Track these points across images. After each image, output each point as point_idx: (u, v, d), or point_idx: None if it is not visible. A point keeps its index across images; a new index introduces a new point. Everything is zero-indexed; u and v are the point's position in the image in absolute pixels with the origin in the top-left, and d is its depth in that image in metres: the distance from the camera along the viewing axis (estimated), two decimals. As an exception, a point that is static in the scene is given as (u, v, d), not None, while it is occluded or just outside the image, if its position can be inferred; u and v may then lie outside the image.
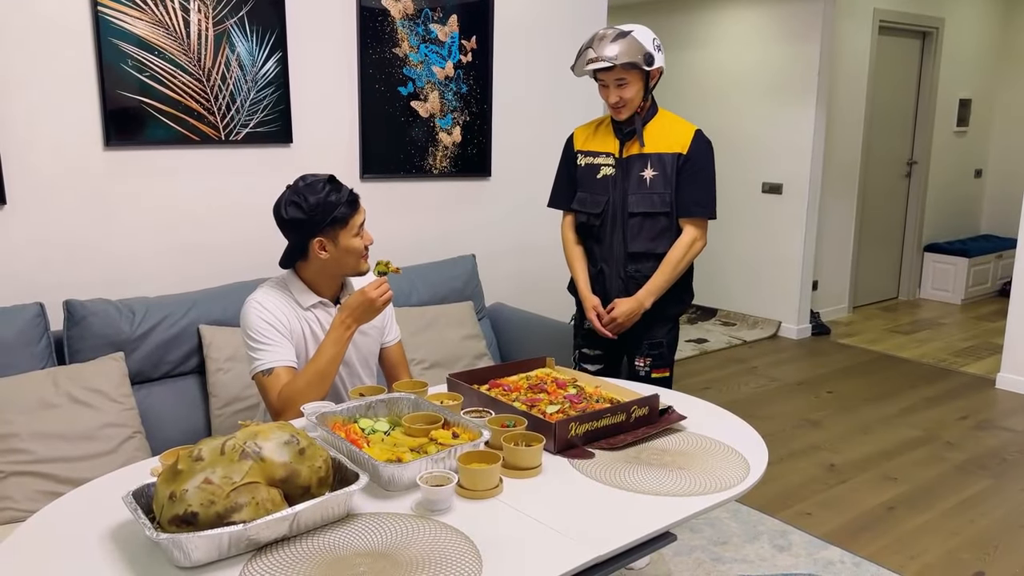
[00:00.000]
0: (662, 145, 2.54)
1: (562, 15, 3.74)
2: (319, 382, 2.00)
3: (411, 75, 3.30)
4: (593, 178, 2.62)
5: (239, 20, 2.83)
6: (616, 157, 2.58)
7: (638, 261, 2.58)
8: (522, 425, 1.76)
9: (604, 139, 2.63)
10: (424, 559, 1.32)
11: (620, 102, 2.49)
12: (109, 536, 1.39)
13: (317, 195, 2.02)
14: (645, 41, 2.43)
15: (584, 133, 2.71)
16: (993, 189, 7.34)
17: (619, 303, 2.57)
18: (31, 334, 2.32)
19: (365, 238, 2.12)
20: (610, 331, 2.61)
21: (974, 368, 5.02)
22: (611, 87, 2.48)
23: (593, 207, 2.61)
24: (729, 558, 2.77)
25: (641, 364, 2.65)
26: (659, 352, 2.65)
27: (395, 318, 2.42)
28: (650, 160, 2.54)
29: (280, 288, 2.13)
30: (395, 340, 2.38)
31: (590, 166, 2.64)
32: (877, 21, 5.86)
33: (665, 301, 2.60)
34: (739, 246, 6.00)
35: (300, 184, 2.06)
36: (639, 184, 2.54)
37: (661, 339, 2.64)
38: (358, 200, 2.10)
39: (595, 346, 2.75)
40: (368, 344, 2.27)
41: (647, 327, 2.62)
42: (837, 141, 5.82)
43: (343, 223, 2.05)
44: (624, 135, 2.57)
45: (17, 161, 2.51)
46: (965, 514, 3.13)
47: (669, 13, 6.25)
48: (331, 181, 2.06)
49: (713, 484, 1.63)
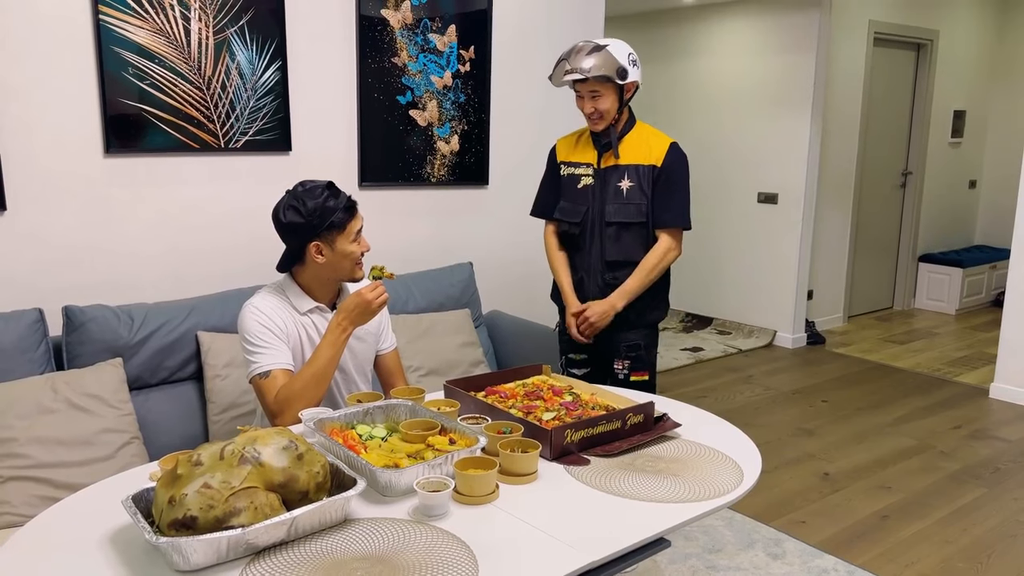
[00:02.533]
0: (638, 157, 2.61)
1: (560, 26, 3.77)
2: (316, 384, 2.01)
3: (410, 84, 3.33)
4: (574, 188, 2.68)
5: (239, 29, 2.85)
6: (595, 168, 2.65)
7: (615, 269, 2.64)
8: (518, 432, 1.77)
9: (584, 150, 2.69)
10: (421, 564, 1.33)
11: (595, 113, 2.56)
12: (108, 540, 1.40)
13: (315, 200, 2.04)
14: (620, 56, 2.50)
15: (567, 144, 2.77)
16: (987, 200, 7.38)
17: (591, 304, 2.64)
18: (30, 339, 2.33)
19: (362, 244, 2.13)
20: (583, 332, 2.65)
21: (968, 378, 5.04)
22: (586, 98, 2.56)
23: (573, 216, 2.67)
24: (723, 566, 2.78)
25: (620, 367, 2.70)
26: (637, 355, 2.69)
27: (391, 326, 2.43)
28: (626, 171, 2.61)
29: (277, 293, 2.15)
30: (391, 347, 2.40)
31: (572, 176, 2.70)
32: (872, 33, 5.91)
33: (641, 307, 2.66)
34: (734, 255, 6.02)
35: (299, 189, 2.08)
36: (616, 194, 2.61)
37: (638, 340, 2.69)
38: (356, 206, 2.12)
39: (579, 350, 2.79)
40: (364, 350, 2.29)
41: (622, 330, 2.67)
42: (832, 151, 5.86)
43: (340, 228, 2.07)
44: (602, 146, 2.64)
45: (17, 167, 2.53)
46: (959, 523, 3.15)
47: (665, 24, 6.29)
48: (329, 187, 2.08)
49: (707, 491, 1.64)
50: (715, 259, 6.15)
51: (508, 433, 1.76)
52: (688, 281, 6.31)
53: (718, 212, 6.08)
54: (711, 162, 6.02)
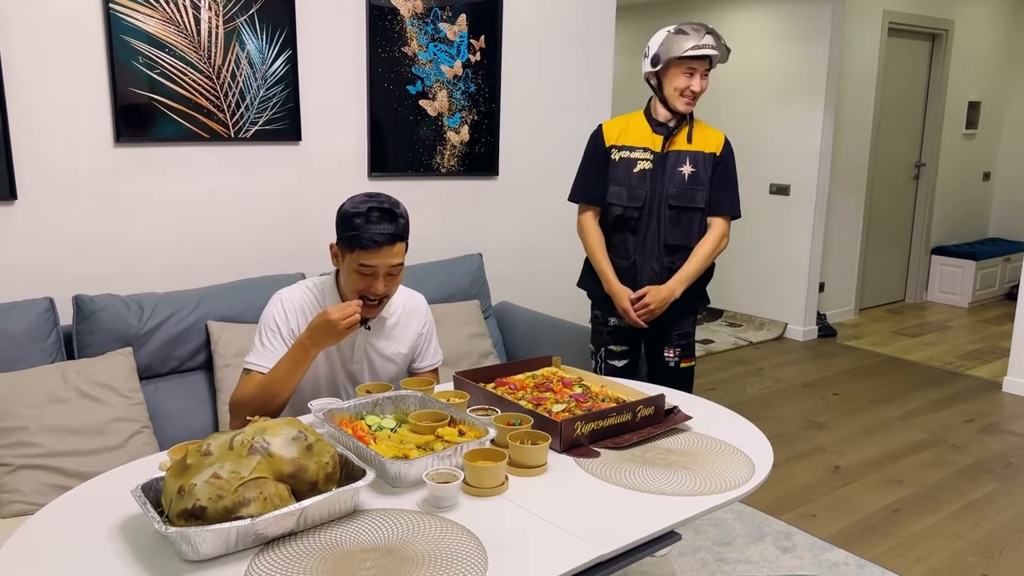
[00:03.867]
0: (702, 144, 2.65)
1: (571, 14, 3.74)
2: (265, 397, 1.91)
3: (420, 74, 3.31)
4: (630, 172, 2.66)
5: (249, 18, 2.84)
6: (654, 152, 2.64)
7: (673, 253, 2.67)
8: (528, 424, 1.76)
9: (639, 134, 2.68)
10: (430, 555, 1.33)
11: (700, 92, 2.59)
12: (118, 529, 1.40)
13: (354, 205, 1.92)
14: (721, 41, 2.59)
15: (616, 128, 2.72)
16: (1001, 192, 7.31)
17: (651, 290, 2.63)
18: (41, 329, 2.34)
19: (367, 283, 1.93)
20: (642, 318, 2.65)
21: (981, 372, 5.00)
22: (698, 76, 2.57)
23: (631, 200, 2.65)
24: (733, 559, 2.77)
25: (671, 355, 2.73)
26: (687, 343, 2.74)
27: (438, 343, 2.27)
28: (690, 157, 2.63)
29: (315, 289, 2.06)
30: (431, 366, 2.24)
31: (627, 160, 2.67)
32: (886, 23, 5.85)
33: (693, 293, 2.71)
34: (746, 247, 5.99)
35: (364, 195, 1.95)
36: (680, 179, 2.63)
37: (689, 329, 2.75)
38: (378, 245, 1.89)
39: (622, 342, 2.78)
40: (389, 369, 2.15)
41: (675, 318, 2.70)
42: (845, 143, 5.81)
43: (348, 247, 1.93)
44: (668, 130, 2.65)
45: (28, 157, 2.53)
46: (970, 517, 3.12)
47: (678, 14, 6.24)
48: (380, 209, 1.90)
49: (718, 484, 1.63)
50: (726, 251, 6.12)
51: (518, 425, 1.76)
52: (698, 273, 6.28)
53: (729, 204, 6.04)
54: (722, 153, 5.98)
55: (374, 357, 2.12)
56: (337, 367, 2.09)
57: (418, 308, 2.21)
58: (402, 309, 2.16)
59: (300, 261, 3.07)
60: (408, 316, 2.18)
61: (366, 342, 2.10)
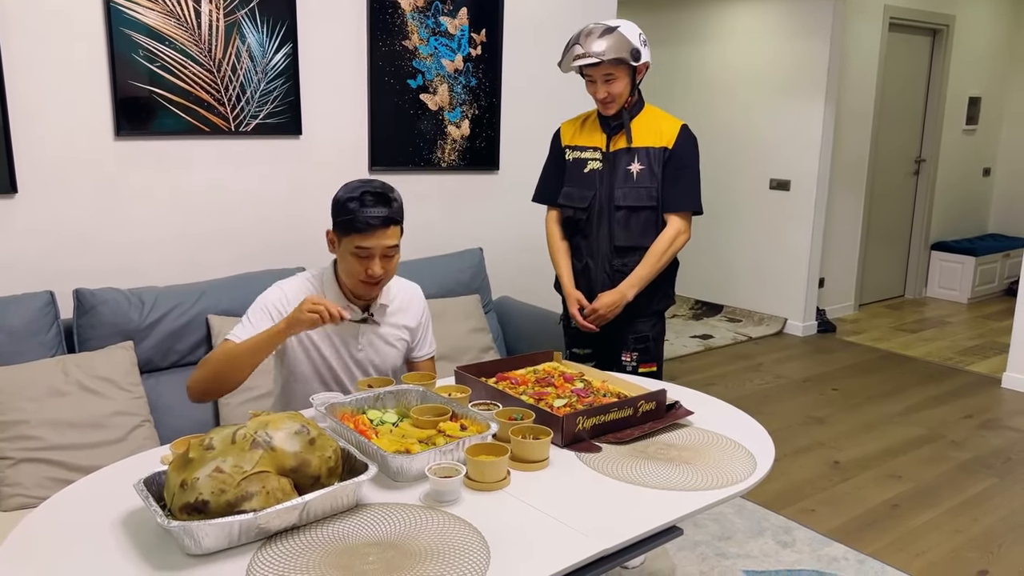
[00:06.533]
0: (648, 139, 2.55)
1: (572, 9, 3.73)
2: (222, 366, 1.88)
3: (420, 68, 3.30)
4: (580, 172, 2.62)
5: (250, 11, 2.83)
6: (603, 151, 2.59)
7: (624, 255, 2.58)
8: (530, 418, 1.76)
9: (591, 134, 2.63)
10: (432, 549, 1.33)
11: (608, 97, 2.50)
12: (120, 523, 1.40)
13: (348, 191, 1.95)
14: (632, 36, 2.45)
15: (571, 128, 2.70)
16: (1001, 188, 7.31)
17: (601, 295, 2.57)
18: (41, 322, 2.34)
19: (364, 264, 1.96)
20: (592, 323, 2.59)
21: (980, 367, 5.01)
22: (599, 82, 2.49)
23: (580, 201, 2.61)
24: (733, 553, 2.78)
25: (627, 359, 2.63)
26: (645, 347, 2.63)
27: (432, 333, 2.32)
28: (637, 154, 2.55)
29: (313, 280, 2.08)
30: (426, 355, 2.29)
31: (578, 160, 2.63)
32: (887, 18, 5.84)
33: (649, 295, 2.60)
34: (746, 242, 5.99)
35: (359, 181, 1.98)
36: (626, 178, 2.55)
37: (646, 332, 2.63)
38: (372, 227, 1.92)
39: (584, 344, 2.73)
40: (393, 355, 2.18)
41: (631, 321, 2.61)
42: (845, 138, 5.81)
43: (344, 231, 1.95)
44: (611, 129, 2.58)
45: (28, 150, 2.52)
46: (969, 513, 3.13)
47: (678, 8, 6.23)
48: (374, 193, 1.93)
49: (719, 479, 1.63)
50: (726, 246, 6.12)
51: (519, 419, 1.76)
52: (698, 268, 6.28)
53: (729, 198, 6.04)
54: (723, 148, 5.98)
55: (378, 344, 2.14)
56: (345, 357, 2.10)
57: (416, 295, 2.25)
58: (401, 296, 2.20)
59: (300, 255, 3.07)
60: (408, 302, 2.22)
61: (370, 329, 2.12)
